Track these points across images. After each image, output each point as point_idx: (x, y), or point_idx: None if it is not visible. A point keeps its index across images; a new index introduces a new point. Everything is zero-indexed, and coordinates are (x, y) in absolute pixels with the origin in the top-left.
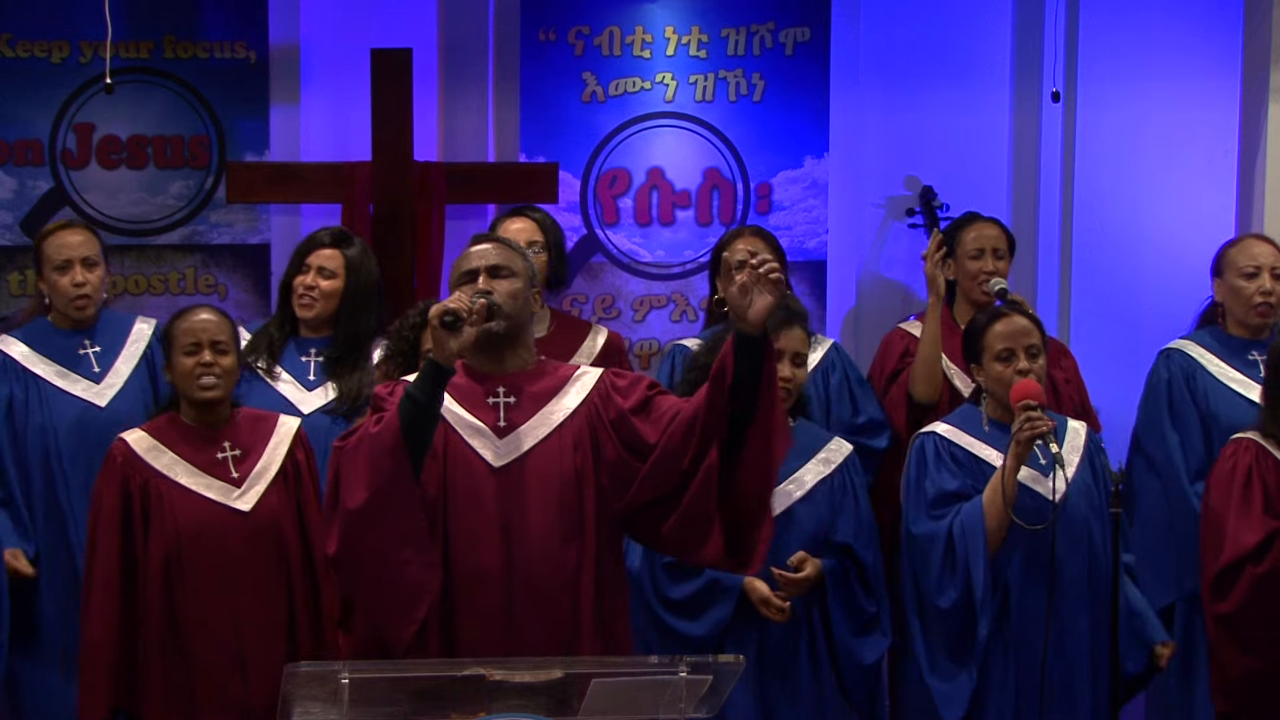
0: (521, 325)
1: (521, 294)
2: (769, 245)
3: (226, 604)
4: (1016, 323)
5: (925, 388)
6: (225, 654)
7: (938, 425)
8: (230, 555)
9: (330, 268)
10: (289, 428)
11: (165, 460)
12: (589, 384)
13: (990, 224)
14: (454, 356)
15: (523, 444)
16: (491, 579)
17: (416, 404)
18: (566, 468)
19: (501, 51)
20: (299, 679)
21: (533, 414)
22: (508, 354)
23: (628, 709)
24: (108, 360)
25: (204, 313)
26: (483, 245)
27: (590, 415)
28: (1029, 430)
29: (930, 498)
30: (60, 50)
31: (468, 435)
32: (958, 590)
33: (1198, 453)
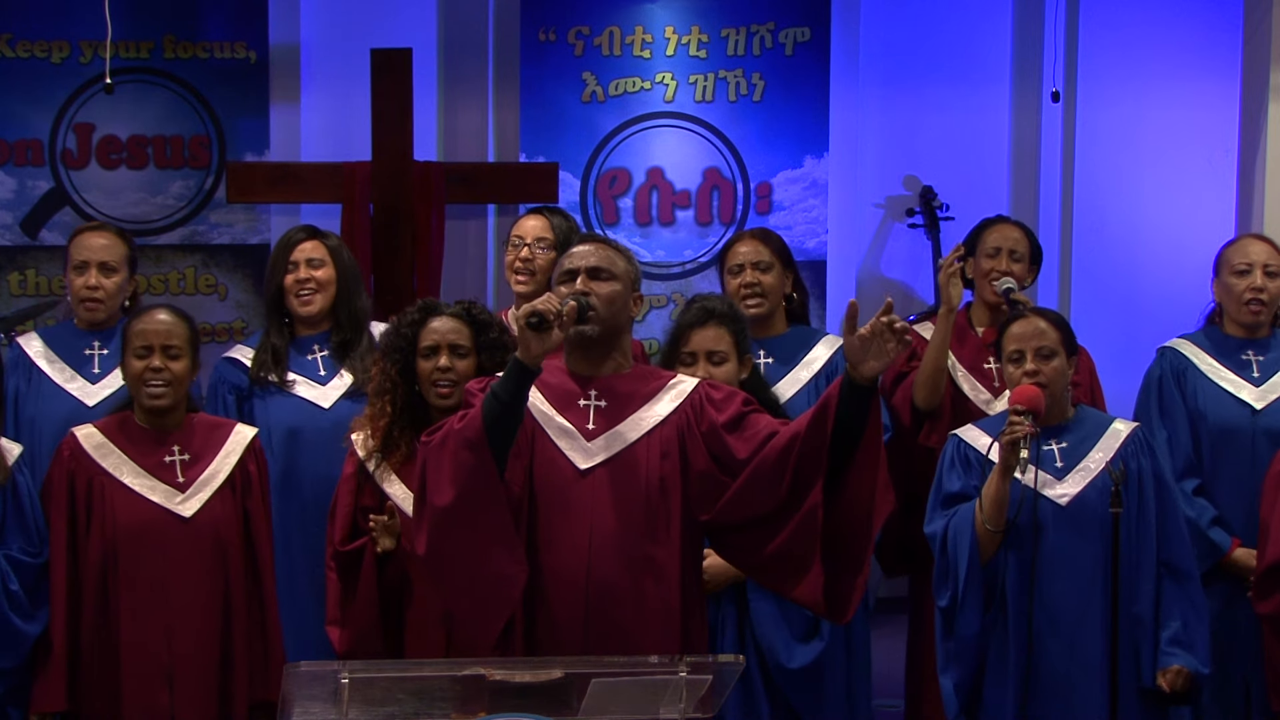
0: (618, 329)
1: (620, 297)
2: (774, 248)
3: (159, 609)
4: (1031, 324)
5: (927, 395)
6: (153, 661)
7: (966, 428)
8: (167, 561)
9: (318, 258)
10: (243, 437)
11: (112, 459)
12: (683, 393)
13: (1013, 226)
14: (539, 357)
15: (610, 449)
16: (572, 582)
17: (500, 402)
18: (653, 474)
19: (501, 51)
20: (299, 679)
21: (623, 419)
22: (603, 357)
23: (628, 709)
24: (110, 364)
25: (161, 314)
26: (585, 246)
27: (681, 424)
28: (1008, 434)
29: (941, 498)
30: (60, 50)
31: (556, 437)
32: (950, 590)
33: (1184, 450)
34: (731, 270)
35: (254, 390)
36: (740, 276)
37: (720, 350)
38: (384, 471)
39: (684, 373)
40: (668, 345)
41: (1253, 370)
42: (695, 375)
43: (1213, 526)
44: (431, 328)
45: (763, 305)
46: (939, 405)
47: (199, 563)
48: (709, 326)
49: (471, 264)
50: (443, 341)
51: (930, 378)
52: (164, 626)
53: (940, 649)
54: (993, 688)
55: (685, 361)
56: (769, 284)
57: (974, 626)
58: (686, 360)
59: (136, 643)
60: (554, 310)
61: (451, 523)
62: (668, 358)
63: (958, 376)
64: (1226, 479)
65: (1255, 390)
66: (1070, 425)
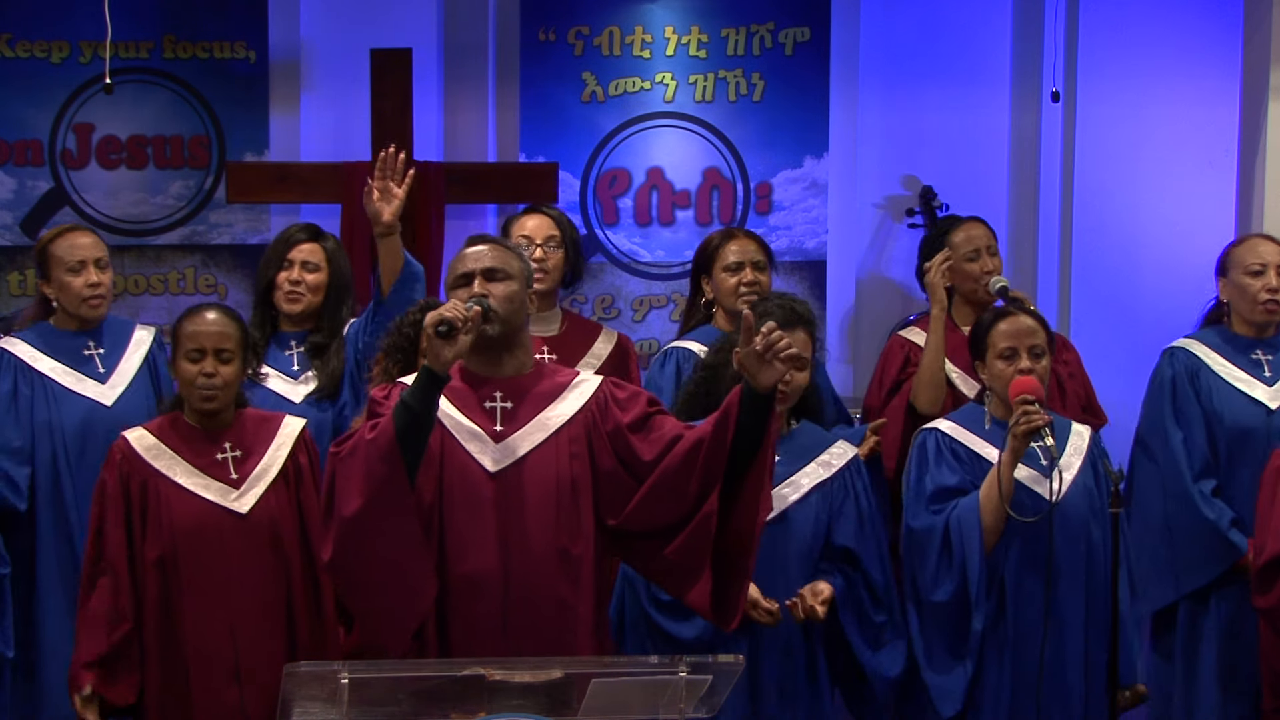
0: (518, 328)
1: (518, 296)
2: (762, 248)
3: (222, 607)
4: (1021, 322)
5: (928, 399)
6: (220, 659)
7: (940, 422)
8: (226, 557)
9: (314, 261)
10: (292, 429)
11: (165, 460)
12: (587, 391)
13: (976, 223)
14: (449, 364)
15: (519, 449)
16: (488, 584)
17: (411, 411)
18: (564, 474)
19: (501, 51)
20: (299, 679)
21: (529, 419)
22: (504, 357)
23: (627, 709)
24: (112, 362)
25: (211, 315)
26: (478, 247)
27: (587, 423)
28: (1025, 424)
29: (929, 493)
30: (60, 50)
31: (464, 440)
32: (954, 584)
33: (1201, 451)
34: (729, 268)
35: None
36: (740, 274)
37: (804, 356)
38: None
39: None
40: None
41: (1264, 370)
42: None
43: (1232, 528)
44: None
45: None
46: (940, 409)
47: (258, 558)
48: (797, 331)
49: None
50: None
51: (931, 380)
52: (228, 624)
53: (925, 645)
54: (990, 684)
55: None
56: (766, 283)
57: (984, 621)
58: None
59: (202, 642)
60: (461, 316)
61: (360, 532)
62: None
63: (954, 378)
64: (1242, 479)
65: (1269, 390)
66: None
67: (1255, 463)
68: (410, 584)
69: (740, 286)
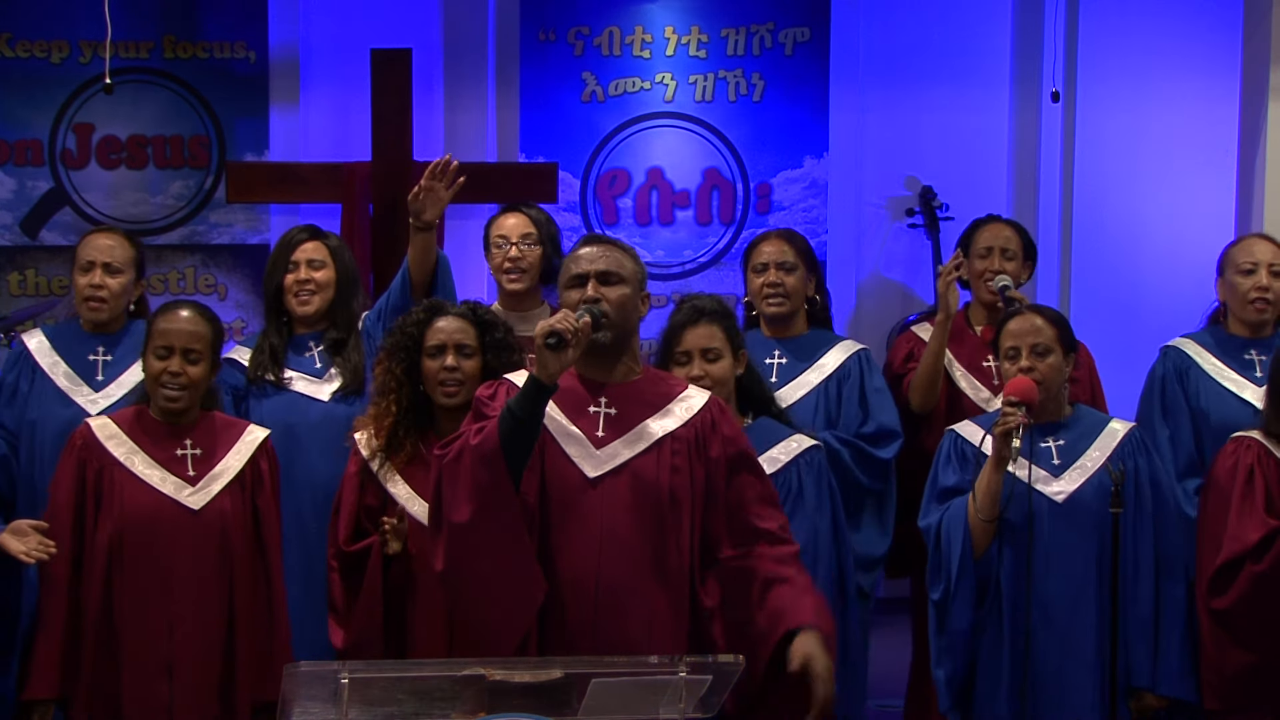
0: (629, 333)
1: (630, 301)
2: (798, 249)
3: (163, 601)
4: (1028, 321)
5: (921, 398)
6: (154, 653)
7: (962, 424)
8: (172, 552)
9: (319, 259)
10: (256, 436)
11: (124, 449)
12: (695, 406)
13: (1004, 225)
14: (557, 375)
15: (619, 457)
16: (583, 589)
17: (516, 419)
18: (663, 484)
19: (501, 51)
20: (299, 679)
21: (632, 427)
22: (614, 363)
23: (628, 709)
24: (115, 371)
25: (185, 313)
26: (592, 248)
27: (690, 438)
28: (1001, 425)
29: (936, 492)
30: (60, 50)
31: (565, 444)
32: (944, 583)
33: (1187, 449)
34: (756, 268)
35: (250, 390)
36: (764, 275)
37: (714, 347)
38: (388, 471)
39: (679, 372)
40: (662, 346)
41: (1255, 370)
42: (691, 374)
43: None
44: (437, 327)
45: (784, 305)
46: (933, 409)
47: (205, 557)
48: (700, 325)
49: (471, 264)
50: (449, 341)
51: (925, 381)
52: (167, 618)
53: (933, 642)
54: (985, 682)
55: (680, 361)
56: (792, 285)
57: (966, 620)
58: (681, 360)
59: (138, 632)
60: (571, 328)
61: (469, 540)
62: (663, 358)
63: (956, 375)
64: None
65: (1258, 389)
66: (1067, 423)
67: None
68: (520, 588)
69: (764, 288)
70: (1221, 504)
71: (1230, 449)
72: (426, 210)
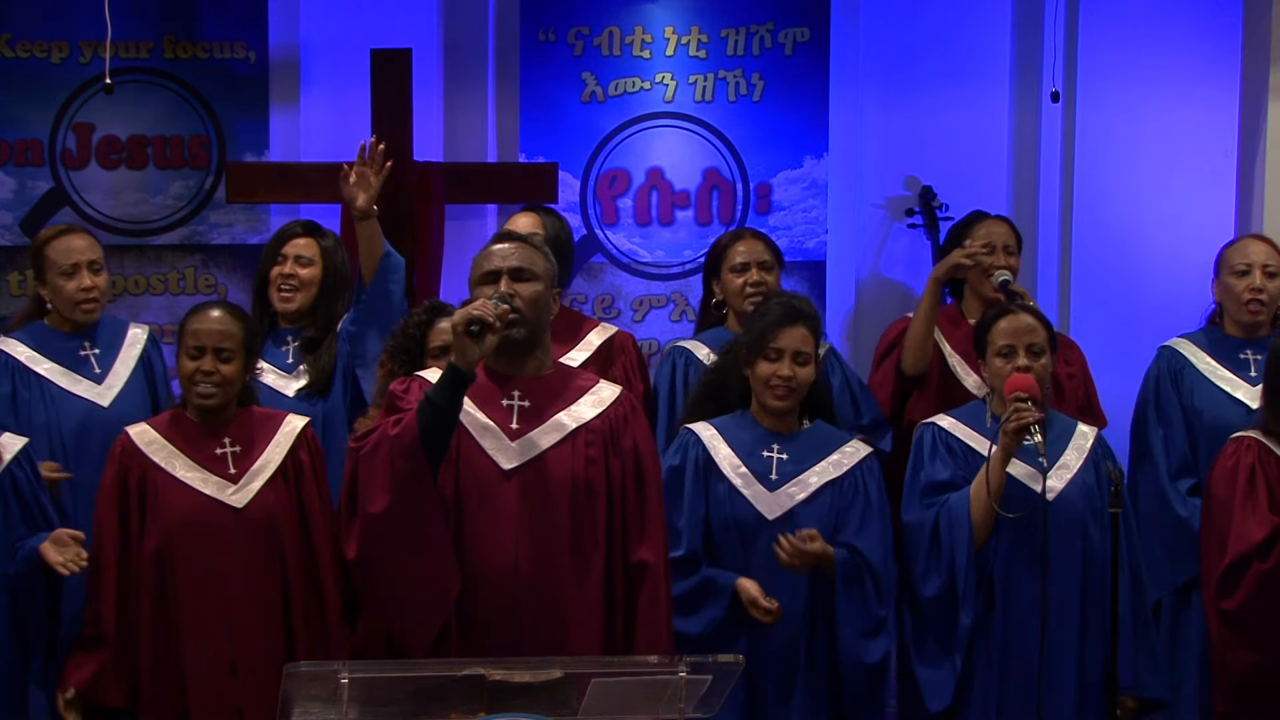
0: (541, 329)
1: (543, 297)
2: (772, 248)
3: (217, 601)
4: (1021, 320)
5: (913, 357)
6: (216, 652)
7: (939, 417)
8: (222, 551)
9: (307, 255)
10: (294, 426)
11: (164, 453)
12: (608, 399)
13: (999, 221)
14: (476, 363)
15: (535, 448)
16: (502, 581)
17: (436, 408)
18: (579, 474)
19: (501, 51)
20: (299, 679)
21: (546, 419)
22: (526, 357)
23: (628, 709)
24: (107, 362)
25: (216, 313)
26: (504, 245)
27: (605, 430)
28: (1015, 420)
29: (922, 486)
30: (60, 50)
31: (479, 436)
32: (941, 579)
33: (1180, 449)
34: (735, 269)
35: None
36: (745, 275)
37: (806, 351)
38: None
39: (766, 368)
40: (753, 339)
41: (1250, 370)
42: (780, 372)
43: None
44: (440, 328)
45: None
46: (926, 372)
47: (254, 553)
48: (798, 326)
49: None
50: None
51: (916, 342)
52: (224, 618)
53: (916, 639)
54: (980, 680)
55: (770, 357)
56: (772, 283)
57: (971, 617)
58: (771, 356)
59: (198, 635)
60: (491, 314)
61: (385, 530)
62: (751, 351)
63: (952, 362)
64: None
65: (1252, 389)
66: (1047, 424)
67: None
68: (436, 581)
69: (746, 287)
70: (1224, 505)
71: (1230, 450)
72: (358, 196)
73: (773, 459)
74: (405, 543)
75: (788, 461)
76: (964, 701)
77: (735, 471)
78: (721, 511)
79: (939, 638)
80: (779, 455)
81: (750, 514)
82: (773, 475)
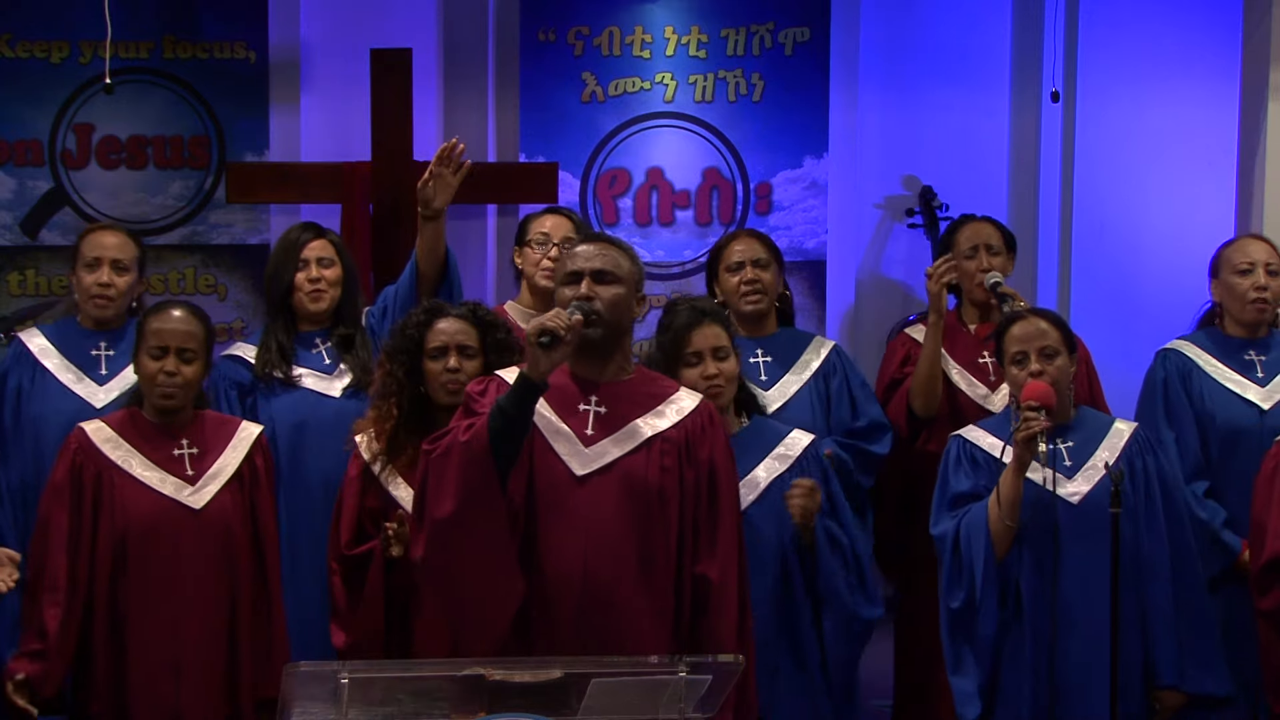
0: (622, 333)
1: (624, 300)
2: (769, 247)
3: (167, 601)
4: (1032, 325)
5: (924, 402)
6: (161, 652)
7: (968, 429)
8: (177, 552)
9: (327, 256)
10: (250, 433)
11: (120, 452)
12: (686, 409)
13: (983, 222)
14: (548, 373)
15: (608, 455)
16: (569, 586)
17: (507, 417)
18: (651, 484)
19: (501, 51)
20: (299, 679)
21: (623, 426)
22: (605, 361)
23: (628, 709)
24: (117, 366)
25: (178, 313)
26: (589, 246)
27: (680, 439)
28: (1024, 430)
29: (948, 499)
30: (60, 50)
31: (554, 441)
32: (965, 590)
33: (1193, 452)
34: (730, 268)
35: (257, 386)
36: (740, 274)
37: (723, 345)
38: (389, 474)
39: (691, 373)
40: (668, 350)
41: (1256, 370)
42: (706, 373)
43: (1224, 529)
44: (439, 329)
45: (762, 302)
46: (936, 411)
47: (208, 555)
48: (706, 325)
49: (471, 264)
50: (451, 342)
51: (925, 385)
52: (172, 619)
53: (950, 650)
54: (1009, 687)
55: (690, 362)
56: (768, 281)
57: (992, 625)
58: (692, 360)
59: (145, 634)
60: (564, 326)
61: (451, 535)
62: (670, 361)
63: (953, 375)
64: (1235, 480)
65: (1261, 390)
66: (1074, 425)
67: (1248, 463)
68: (499, 587)
69: (742, 286)
70: (1263, 506)
71: (1273, 451)
72: (436, 197)
73: None
74: (470, 549)
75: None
76: (995, 710)
77: None
78: None
79: (967, 649)
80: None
81: None
82: None
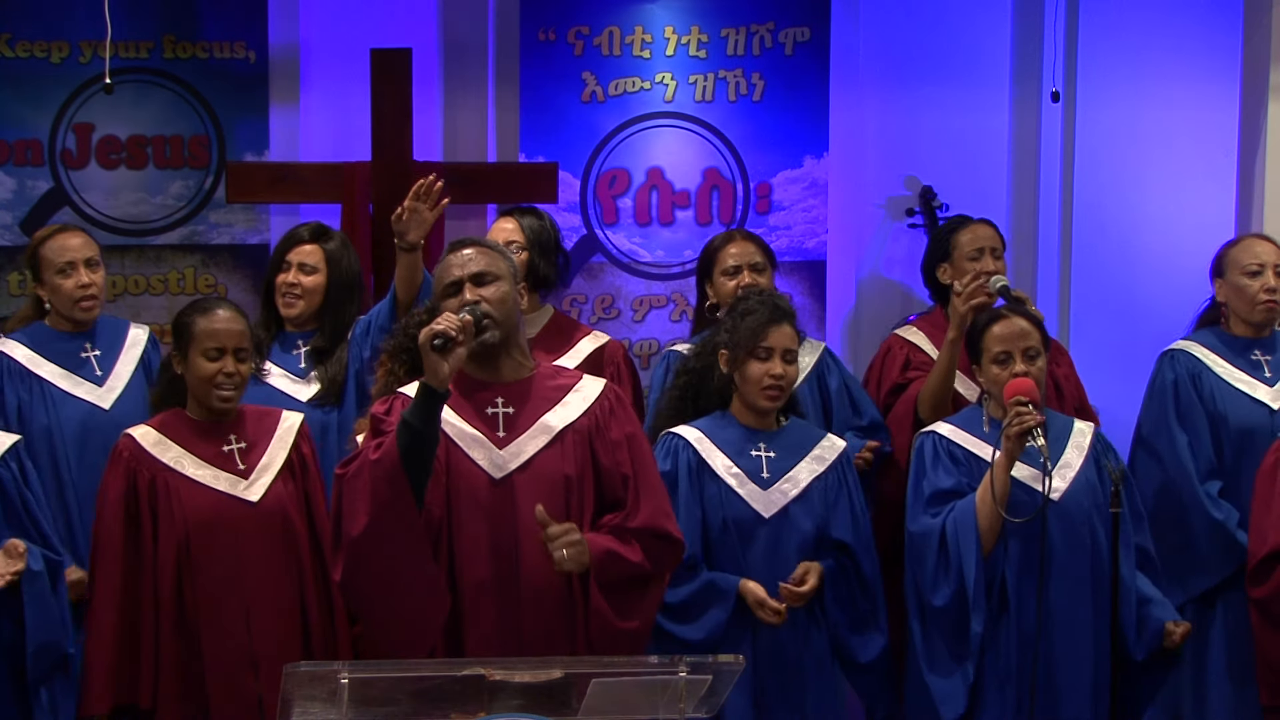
0: (514, 329)
1: (509, 297)
2: (763, 249)
3: (236, 596)
4: (1014, 325)
5: (932, 413)
6: (236, 648)
7: (938, 425)
8: (241, 546)
9: (311, 263)
10: (292, 422)
11: (172, 454)
12: (591, 395)
13: (983, 224)
14: (448, 379)
15: (522, 454)
16: (496, 590)
17: (413, 430)
18: (570, 475)
19: (501, 51)
20: (298, 679)
21: (531, 423)
22: (502, 361)
23: (628, 709)
24: (108, 363)
25: (227, 313)
26: (463, 252)
27: (590, 426)
28: (1018, 425)
29: (927, 495)
30: (60, 50)
31: (467, 447)
32: (951, 587)
33: (1207, 453)
34: (727, 271)
35: None
36: (737, 278)
37: (794, 350)
38: None
39: (757, 367)
40: (742, 339)
41: (1264, 370)
42: (771, 371)
43: (1239, 529)
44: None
45: None
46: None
47: (270, 545)
48: (785, 325)
49: None
50: None
51: (938, 399)
52: (243, 611)
53: (924, 648)
54: (992, 684)
55: (760, 356)
56: (765, 285)
57: (982, 623)
58: (761, 355)
59: (218, 630)
60: (455, 327)
61: (367, 552)
62: (740, 351)
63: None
64: (1247, 480)
65: (1270, 390)
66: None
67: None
68: (421, 602)
69: (738, 290)
70: (1264, 500)
71: (1276, 446)
72: (410, 231)
73: (761, 458)
74: (388, 564)
75: (775, 459)
76: (978, 707)
77: (728, 472)
78: (717, 513)
79: (951, 646)
80: (767, 454)
81: (747, 513)
82: (764, 474)
